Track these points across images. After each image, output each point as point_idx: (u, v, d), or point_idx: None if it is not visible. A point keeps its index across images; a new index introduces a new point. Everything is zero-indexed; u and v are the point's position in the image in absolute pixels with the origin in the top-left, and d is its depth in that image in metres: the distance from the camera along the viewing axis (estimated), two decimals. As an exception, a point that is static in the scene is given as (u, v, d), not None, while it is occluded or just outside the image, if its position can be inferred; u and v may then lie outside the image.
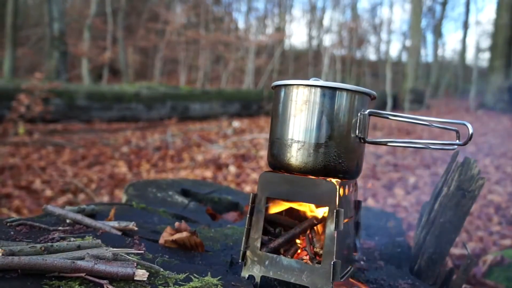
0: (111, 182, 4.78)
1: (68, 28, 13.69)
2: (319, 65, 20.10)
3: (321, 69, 17.59)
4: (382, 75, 21.92)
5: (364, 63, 22.79)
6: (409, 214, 3.83)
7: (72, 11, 18.79)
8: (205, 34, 14.82)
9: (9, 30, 11.73)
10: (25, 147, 6.00)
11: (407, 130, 8.69)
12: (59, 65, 11.23)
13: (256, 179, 4.99)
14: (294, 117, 0.91)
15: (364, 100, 0.93)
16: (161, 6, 16.78)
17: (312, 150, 0.89)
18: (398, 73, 20.86)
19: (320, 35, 24.09)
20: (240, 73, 18.19)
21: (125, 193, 1.51)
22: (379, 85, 22.51)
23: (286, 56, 22.29)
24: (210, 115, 9.73)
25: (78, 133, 7.30)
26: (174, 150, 6.27)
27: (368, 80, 22.37)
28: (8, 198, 4.10)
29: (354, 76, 20.63)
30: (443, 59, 26.89)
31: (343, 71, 19.86)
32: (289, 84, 0.92)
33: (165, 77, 19.23)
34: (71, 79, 13.50)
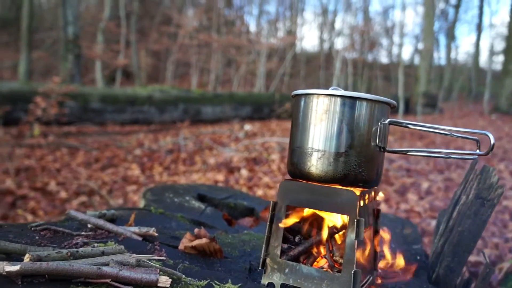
0: (124, 185, 4.83)
1: (82, 32, 13.89)
2: (331, 68, 20.05)
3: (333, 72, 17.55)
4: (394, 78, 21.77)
5: (376, 66, 22.67)
6: (422, 220, 3.80)
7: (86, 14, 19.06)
8: (217, 38, 14.89)
9: (25, 33, 11.93)
10: (40, 149, 6.10)
11: (420, 134, 8.62)
12: (73, 68, 11.39)
13: (268, 182, 5.01)
14: (315, 126, 0.91)
15: (384, 110, 0.94)
16: (173, 9, 16.92)
17: (332, 159, 0.90)
18: (411, 76, 20.71)
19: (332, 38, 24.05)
20: (252, 76, 18.24)
21: (143, 198, 1.53)
22: (391, 88, 22.36)
23: (298, 59, 22.28)
24: (221, 118, 9.77)
25: (91, 135, 7.39)
26: (186, 153, 6.30)
27: (380, 83, 22.24)
28: (24, 199, 4.16)
29: (366, 80, 20.53)
30: (456, 62, 26.62)
31: (354, 74, 19.78)
32: (309, 94, 0.93)
33: (177, 80, 19.37)
34: (85, 82, 13.68)
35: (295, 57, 20.87)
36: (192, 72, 16.85)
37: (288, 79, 19.56)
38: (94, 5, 21.11)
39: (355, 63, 19.21)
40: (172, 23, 15.84)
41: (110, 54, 14.24)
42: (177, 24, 15.38)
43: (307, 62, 23.11)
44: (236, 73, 16.57)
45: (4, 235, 0.94)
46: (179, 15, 16.18)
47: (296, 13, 23.81)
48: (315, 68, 22.72)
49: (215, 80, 16.37)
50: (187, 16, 16.99)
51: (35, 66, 15.28)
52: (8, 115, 6.18)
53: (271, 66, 16.96)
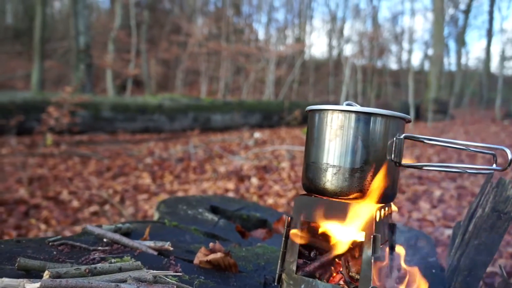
0: (135, 194, 4.86)
1: (93, 41, 14.07)
2: (340, 75, 20.02)
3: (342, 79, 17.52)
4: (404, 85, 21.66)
5: (385, 73, 22.59)
6: (435, 229, 3.76)
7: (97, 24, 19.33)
8: (226, 46, 14.99)
9: (37, 43, 12.13)
10: (53, 158, 6.17)
11: (431, 141, 8.53)
12: (85, 77, 11.53)
13: (278, 191, 5.00)
14: (329, 142, 0.92)
15: (399, 124, 0.94)
16: (183, 18, 17.09)
17: (347, 174, 0.90)
18: (421, 82, 20.59)
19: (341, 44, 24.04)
20: (261, 83, 18.29)
21: (157, 210, 1.54)
22: (401, 94, 22.24)
23: (307, 67, 22.30)
24: (231, 126, 9.80)
25: (103, 144, 7.46)
26: (196, 162, 6.32)
27: (389, 89, 22.14)
28: (37, 208, 4.21)
29: (376, 86, 20.45)
30: (467, 68, 26.41)
31: (364, 81, 19.72)
32: (324, 109, 0.93)
33: (187, 87, 19.50)
34: (96, 90, 13.83)
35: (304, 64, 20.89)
36: (201, 80, 16.96)
37: (297, 86, 19.57)
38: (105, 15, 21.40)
39: (364, 70, 19.16)
40: (182, 32, 15.99)
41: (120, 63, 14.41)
42: (187, 32, 15.52)
43: (316, 69, 23.11)
44: (245, 81, 16.64)
45: (23, 251, 0.96)
46: (188, 24, 16.33)
47: (304, 20, 23.88)
48: (324, 75, 22.72)
49: (225, 88, 16.45)
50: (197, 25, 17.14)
51: (47, 75, 15.49)
52: (21, 124, 6.26)
53: (280, 74, 17.01)
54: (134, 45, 13.25)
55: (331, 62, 22.21)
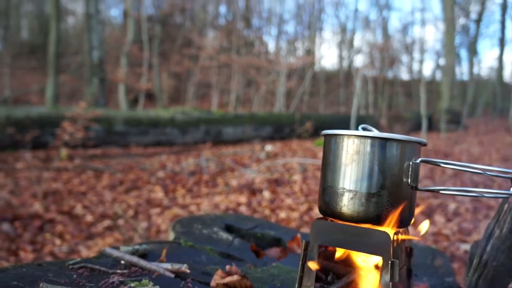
0: (148, 207, 4.88)
1: (106, 55, 14.32)
2: (351, 86, 20.01)
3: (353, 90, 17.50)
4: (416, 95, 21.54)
5: (396, 83, 22.50)
6: (451, 244, 3.70)
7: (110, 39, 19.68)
8: (237, 59, 15.11)
9: (52, 58, 12.38)
10: (67, 172, 6.25)
11: (444, 153, 8.46)
12: (98, 91, 11.72)
13: (291, 205, 4.98)
14: (345, 166, 0.92)
15: (415, 149, 0.94)
16: (194, 32, 17.31)
17: (364, 199, 0.90)
18: (433, 92, 20.46)
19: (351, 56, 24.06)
20: (271, 96, 18.36)
21: (173, 230, 1.55)
22: (413, 105, 22.11)
23: (317, 78, 22.34)
24: (242, 138, 9.83)
25: (116, 158, 7.54)
26: (208, 175, 6.34)
27: (401, 100, 22.03)
28: (52, 223, 4.25)
29: (387, 97, 20.37)
30: (479, 77, 26.18)
31: (375, 92, 19.67)
32: (340, 134, 0.94)
33: (198, 100, 19.66)
34: (108, 104, 14.03)
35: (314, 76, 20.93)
36: (212, 92, 17.10)
37: (308, 98, 19.59)
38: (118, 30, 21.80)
39: (375, 81, 19.12)
40: (193, 46, 16.19)
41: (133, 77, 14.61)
42: (198, 46, 15.70)
43: (326, 81, 23.13)
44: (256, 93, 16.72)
45: (44, 274, 0.98)
46: (199, 37, 16.53)
47: (314, 32, 24.00)
48: (334, 87, 22.72)
49: (236, 100, 16.54)
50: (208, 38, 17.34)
51: (61, 89, 15.77)
52: (36, 139, 6.37)
53: (290, 86, 17.06)
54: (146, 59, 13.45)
55: (341, 74, 22.22)
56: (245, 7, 21.42)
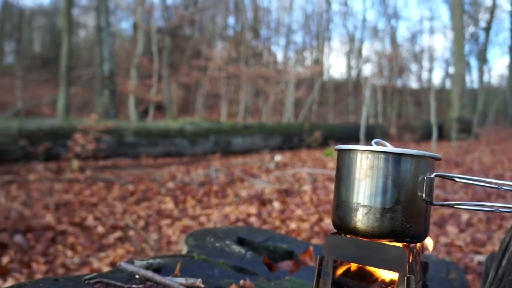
0: (158, 219, 4.90)
1: (116, 67, 14.51)
2: (359, 95, 19.99)
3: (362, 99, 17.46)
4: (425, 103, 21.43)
5: (405, 92, 22.42)
6: (465, 255, 3.65)
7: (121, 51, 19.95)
8: (245, 69, 15.21)
9: (63, 71, 12.57)
10: (78, 184, 6.31)
11: (456, 162, 8.38)
12: (109, 103, 11.86)
13: (301, 215, 4.96)
14: (359, 182, 0.92)
15: (430, 163, 0.94)
16: (203, 43, 17.48)
17: (378, 214, 0.90)
18: (442, 101, 20.33)
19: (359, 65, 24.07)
20: (280, 105, 18.40)
21: (186, 243, 1.56)
22: (423, 113, 21.99)
23: (326, 88, 22.36)
24: (252, 149, 9.84)
25: (126, 169, 7.59)
26: (218, 185, 6.35)
27: (410, 109, 21.93)
28: (64, 234, 4.28)
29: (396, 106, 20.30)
30: (490, 86, 25.98)
31: (384, 101, 19.61)
32: (353, 149, 0.94)
33: (207, 110, 19.78)
34: (119, 115, 14.17)
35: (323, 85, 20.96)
36: (221, 103, 17.19)
37: (316, 108, 19.59)
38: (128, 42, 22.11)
39: (384, 90, 19.08)
40: (202, 57, 16.34)
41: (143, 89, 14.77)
42: (207, 57, 15.84)
43: (335, 90, 23.14)
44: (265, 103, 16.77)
45: (60, 290, 0.99)
46: (208, 48, 16.68)
47: (322, 42, 24.07)
48: (343, 96, 22.71)
49: (244, 110, 16.60)
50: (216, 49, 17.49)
51: (72, 101, 15.98)
52: (48, 151, 6.45)
53: (299, 95, 17.10)
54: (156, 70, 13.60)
55: (350, 83, 22.22)
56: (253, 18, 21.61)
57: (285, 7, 24.47)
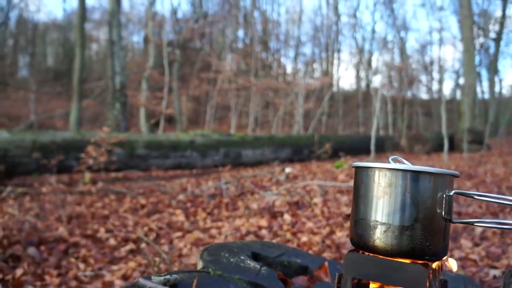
0: (169, 231, 4.90)
1: (128, 80, 14.69)
2: (369, 106, 19.93)
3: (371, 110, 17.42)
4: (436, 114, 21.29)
5: (416, 103, 22.32)
6: (480, 269, 3.59)
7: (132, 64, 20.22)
8: (255, 81, 15.30)
9: (76, 84, 12.78)
10: (90, 196, 6.36)
11: (468, 174, 8.28)
12: (120, 115, 11.99)
13: (312, 228, 4.93)
14: (378, 199, 0.93)
15: (448, 181, 0.94)
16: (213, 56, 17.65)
17: (397, 232, 0.90)
18: (453, 112, 20.20)
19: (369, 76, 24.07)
20: (289, 117, 18.42)
21: (201, 258, 1.56)
22: (433, 125, 21.84)
23: (335, 99, 22.36)
24: (262, 161, 9.84)
25: (137, 181, 7.64)
26: (228, 198, 6.35)
27: (421, 119, 21.80)
28: (76, 247, 4.30)
29: (407, 117, 20.19)
30: (501, 96, 25.74)
31: (394, 112, 19.53)
32: (371, 167, 0.95)
33: (217, 122, 19.88)
34: (130, 127, 14.31)
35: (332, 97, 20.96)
36: (231, 114, 17.27)
37: (326, 119, 19.58)
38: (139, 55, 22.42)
39: (394, 101, 19.02)
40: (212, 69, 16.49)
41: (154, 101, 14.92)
42: (216, 69, 15.98)
43: (344, 101, 23.12)
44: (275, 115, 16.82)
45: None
46: (218, 61, 16.84)
47: (332, 53, 24.15)
48: (353, 107, 22.67)
49: (254, 122, 16.65)
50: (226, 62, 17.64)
51: (84, 113, 16.19)
52: (61, 163, 6.52)
53: (308, 107, 17.11)
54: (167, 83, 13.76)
55: (360, 94, 22.19)
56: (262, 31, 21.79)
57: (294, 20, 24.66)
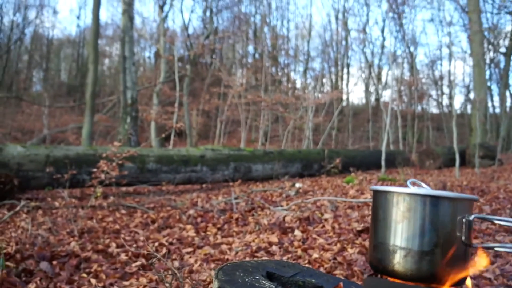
0: (180, 247, 4.89)
1: (139, 95, 14.86)
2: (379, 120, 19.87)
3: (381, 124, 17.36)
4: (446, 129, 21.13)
5: (426, 117, 22.20)
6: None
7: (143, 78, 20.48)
8: (264, 96, 15.39)
9: (89, 99, 12.98)
10: (101, 210, 6.39)
11: (481, 189, 8.17)
12: (131, 129, 12.11)
13: (323, 244, 4.88)
14: (397, 224, 0.93)
15: (468, 205, 0.94)
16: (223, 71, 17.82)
17: (417, 257, 0.90)
18: (464, 126, 20.03)
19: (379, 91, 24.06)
20: (299, 131, 18.43)
21: (216, 278, 1.56)
22: (444, 139, 21.66)
23: (345, 113, 22.34)
24: (271, 175, 9.83)
25: (148, 195, 7.66)
26: (238, 213, 6.34)
27: (431, 134, 21.65)
28: (88, 262, 4.31)
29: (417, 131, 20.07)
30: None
31: (404, 126, 19.44)
32: (390, 191, 0.95)
33: (226, 136, 19.96)
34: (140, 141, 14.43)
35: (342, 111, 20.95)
36: (241, 129, 17.34)
37: (336, 133, 19.54)
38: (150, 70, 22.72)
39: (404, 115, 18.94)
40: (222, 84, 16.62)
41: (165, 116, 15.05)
42: (226, 84, 16.11)
43: (354, 115, 23.09)
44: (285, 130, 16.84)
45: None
46: (228, 76, 16.98)
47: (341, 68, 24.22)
48: (363, 121, 22.62)
49: (263, 136, 16.68)
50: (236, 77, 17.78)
51: (95, 127, 16.38)
52: (73, 177, 6.59)
53: (318, 121, 17.12)
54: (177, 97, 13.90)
55: (370, 108, 22.16)
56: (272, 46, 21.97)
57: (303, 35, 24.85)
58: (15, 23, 25.50)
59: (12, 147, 6.41)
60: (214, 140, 18.40)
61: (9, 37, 24.77)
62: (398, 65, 20.76)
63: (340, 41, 24.50)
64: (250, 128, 19.76)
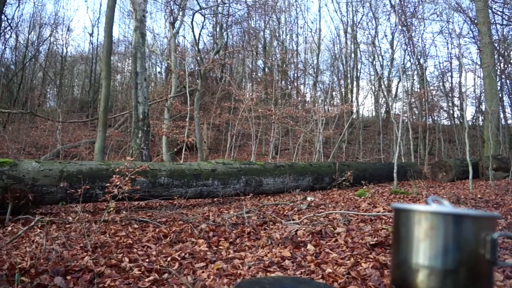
0: (192, 261, 4.88)
1: (150, 109, 15.01)
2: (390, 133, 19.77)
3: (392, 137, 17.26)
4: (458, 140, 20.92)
5: (437, 129, 22.03)
6: (514, 305, 3.44)
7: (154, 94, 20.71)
8: (274, 110, 15.45)
9: (101, 114, 13.14)
10: (114, 224, 6.42)
11: (495, 202, 8.05)
12: (143, 144, 12.20)
13: (336, 259, 4.84)
14: (419, 242, 0.93)
15: (491, 223, 0.94)
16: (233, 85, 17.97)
17: (441, 276, 0.90)
18: (476, 138, 19.83)
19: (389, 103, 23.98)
20: (309, 144, 18.41)
21: (234, 295, 1.56)
22: (455, 151, 21.44)
23: (355, 126, 22.28)
24: (283, 189, 9.80)
25: (160, 209, 7.69)
26: (250, 227, 6.32)
27: (443, 146, 21.45)
28: (101, 277, 4.32)
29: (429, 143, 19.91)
30: (526, 122, 25.14)
31: (415, 139, 19.30)
32: (412, 210, 0.95)
33: (237, 150, 20.01)
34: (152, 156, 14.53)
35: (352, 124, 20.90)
36: (251, 142, 17.38)
37: (346, 146, 19.47)
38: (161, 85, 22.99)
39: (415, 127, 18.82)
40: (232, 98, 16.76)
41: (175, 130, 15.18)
42: (237, 98, 16.22)
43: (364, 128, 23.01)
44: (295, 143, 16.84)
45: None
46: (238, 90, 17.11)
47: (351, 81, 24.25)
48: (373, 134, 22.52)
49: (274, 150, 16.69)
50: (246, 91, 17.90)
51: (108, 142, 16.55)
52: (86, 192, 6.64)
53: (328, 134, 17.10)
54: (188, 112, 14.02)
55: (380, 121, 22.07)
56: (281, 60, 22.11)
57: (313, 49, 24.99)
58: (30, 41, 26.11)
59: (27, 162, 6.50)
60: (225, 154, 18.46)
61: (24, 54, 25.35)
62: (408, 77, 20.71)
63: (349, 54, 24.58)
64: (261, 141, 19.79)
